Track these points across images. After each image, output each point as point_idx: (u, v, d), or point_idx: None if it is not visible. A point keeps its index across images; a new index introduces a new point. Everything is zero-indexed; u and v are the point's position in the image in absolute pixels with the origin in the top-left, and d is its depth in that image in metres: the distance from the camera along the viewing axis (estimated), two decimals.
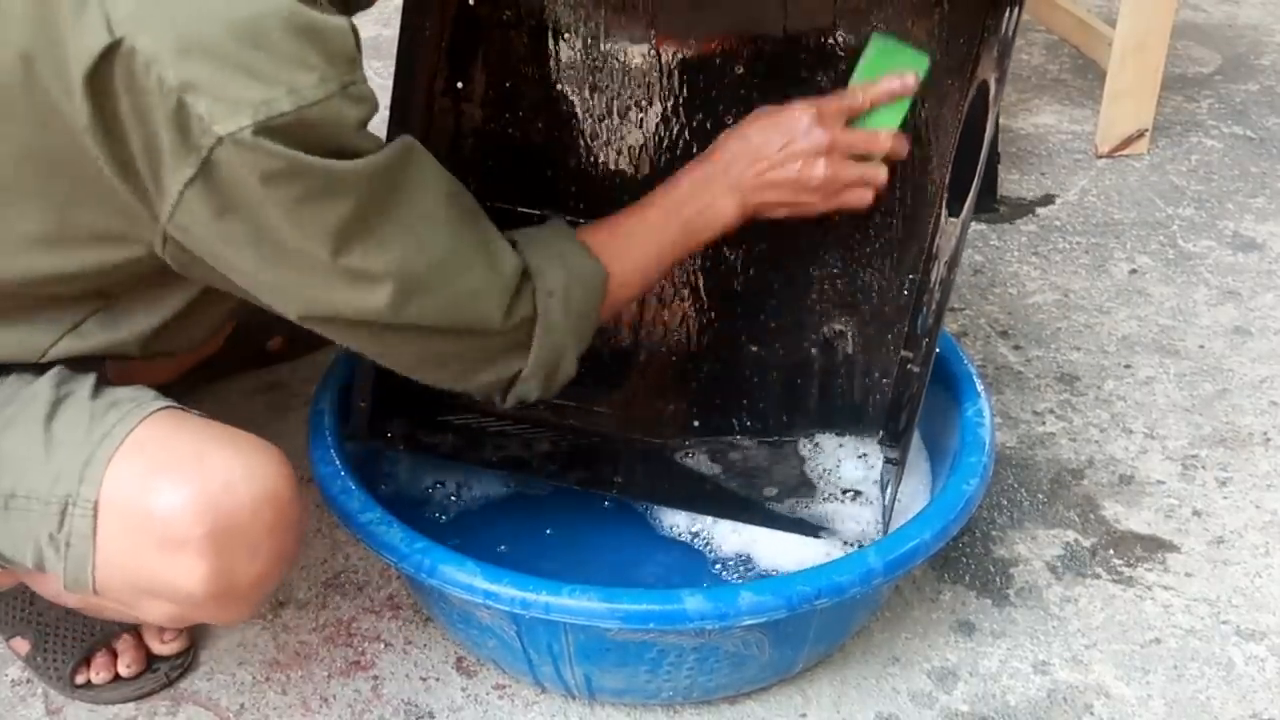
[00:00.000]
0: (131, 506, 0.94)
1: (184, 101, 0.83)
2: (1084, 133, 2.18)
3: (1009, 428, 1.51)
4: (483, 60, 1.25)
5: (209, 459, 0.96)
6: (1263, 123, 2.22)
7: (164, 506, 0.93)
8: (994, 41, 1.16)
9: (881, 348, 1.29)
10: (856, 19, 1.21)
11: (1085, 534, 1.37)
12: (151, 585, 0.96)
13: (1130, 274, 1.82)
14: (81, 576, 0.96)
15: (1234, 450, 1.49)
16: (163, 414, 0.99)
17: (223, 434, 0.99)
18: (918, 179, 1.24)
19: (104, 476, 0.94)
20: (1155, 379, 1.61)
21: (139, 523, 0.94)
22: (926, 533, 1.10)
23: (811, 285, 1.30)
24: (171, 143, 0.85)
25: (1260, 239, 1.90)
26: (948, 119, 1.21)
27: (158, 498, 0.93)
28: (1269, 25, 2.63)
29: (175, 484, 0.94)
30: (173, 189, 0.87)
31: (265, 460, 0.98)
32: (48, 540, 0.96)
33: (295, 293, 0.95)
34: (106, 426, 0.97)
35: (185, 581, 0.94)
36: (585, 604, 1.02)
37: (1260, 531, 1.37)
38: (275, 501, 0.96)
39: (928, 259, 1.24)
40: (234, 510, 0.94)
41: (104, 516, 0.94)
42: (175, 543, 0.93)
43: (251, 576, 0.97)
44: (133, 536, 0.94)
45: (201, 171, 0.85)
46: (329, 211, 0.89)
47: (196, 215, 0.89)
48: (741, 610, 1.02)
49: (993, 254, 1.86)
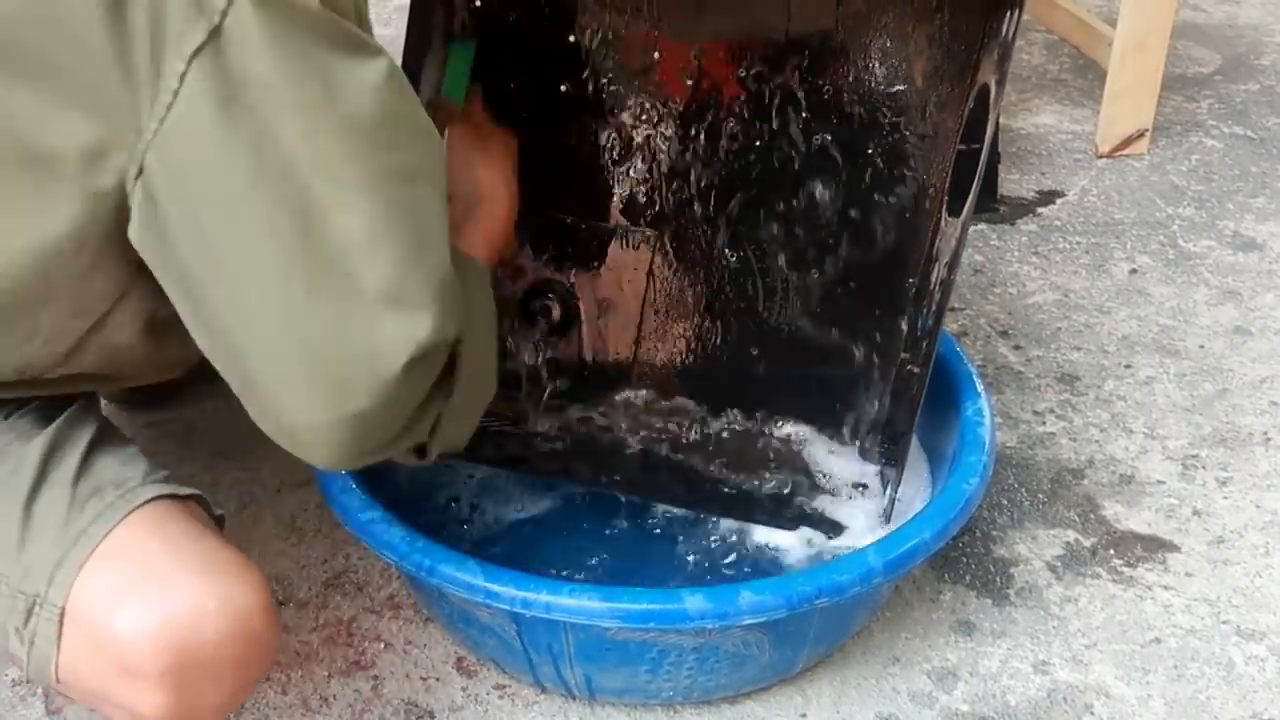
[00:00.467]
0: (95, 624, 0.90)
1: None
2: (1084, 132, 2.19)
3: (1009, 427, 1.51)
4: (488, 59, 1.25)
5: (178, 586, 0.90)
6: (1263, 123, 2.22)
7: (126, 633, 0.88)
8: (994, 45, 1.16)
9: (882, 348, 1.29)
10: (859, 23, 1.21)
11: (1085, 534, 1.37)
12: (112, 702, 0.93)
13: (1130, 274, 1.82)
14: (44, 674, 0.93)
15: (1234, 450, 1.49)
16: (146, 510, 0.93)
17: (201, 550, 0.93)
18: (918, 182, 1.24)
19: (73, 583, 0.90)
20: (1155, 379, 1.61)
21: (101, 644, 0.90)
22: (926, 532, 1.10)
23: (812, 286, 1.30)
24: (182, 8, 0.77)
25: (1260, 239, 1.90)
26: (948, 123, 1.21)
27: (121, 624, 0.88)
28: (1269, 25, 2.63)
29: (140, 609, 0.88)
30: (174, 69, 0.78)
31: (239, 588, 0.91)
32: (14, 630, 0.92)
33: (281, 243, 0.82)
34: (84, 523, 0.92)
35: (143, 708, 0.90)
36: (585, 603, 1.02)
37: (1260, 531, 1.37)
38: (245, 636, 0.91)
39: (928, 261, 1.24)
40: (199, 646, 0.89)
41: (69, 626, 0.90)
42: (134, 673, 0.89)
43: (214, 705, 0.93)
44: (95, 655, 0.90)
45: (211, 40, 0.77)
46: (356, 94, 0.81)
47: (195, 109, 0.79)
48: (742, 609, 1.02)
49: (993, 254, 1.86)
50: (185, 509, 0.97)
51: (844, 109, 1.24)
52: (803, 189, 1.27)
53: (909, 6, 1.20)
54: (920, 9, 1.19)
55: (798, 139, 1.25)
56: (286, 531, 1.37)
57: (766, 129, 1.26)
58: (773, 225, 1.28)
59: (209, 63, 0.78)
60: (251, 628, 0.91)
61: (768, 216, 1.28)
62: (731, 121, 1.26)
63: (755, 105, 1.25)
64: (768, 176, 1.27)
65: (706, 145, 1.27)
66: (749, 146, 1.26)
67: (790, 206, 1.27)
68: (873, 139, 1.24)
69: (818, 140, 1.25)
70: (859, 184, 1.26)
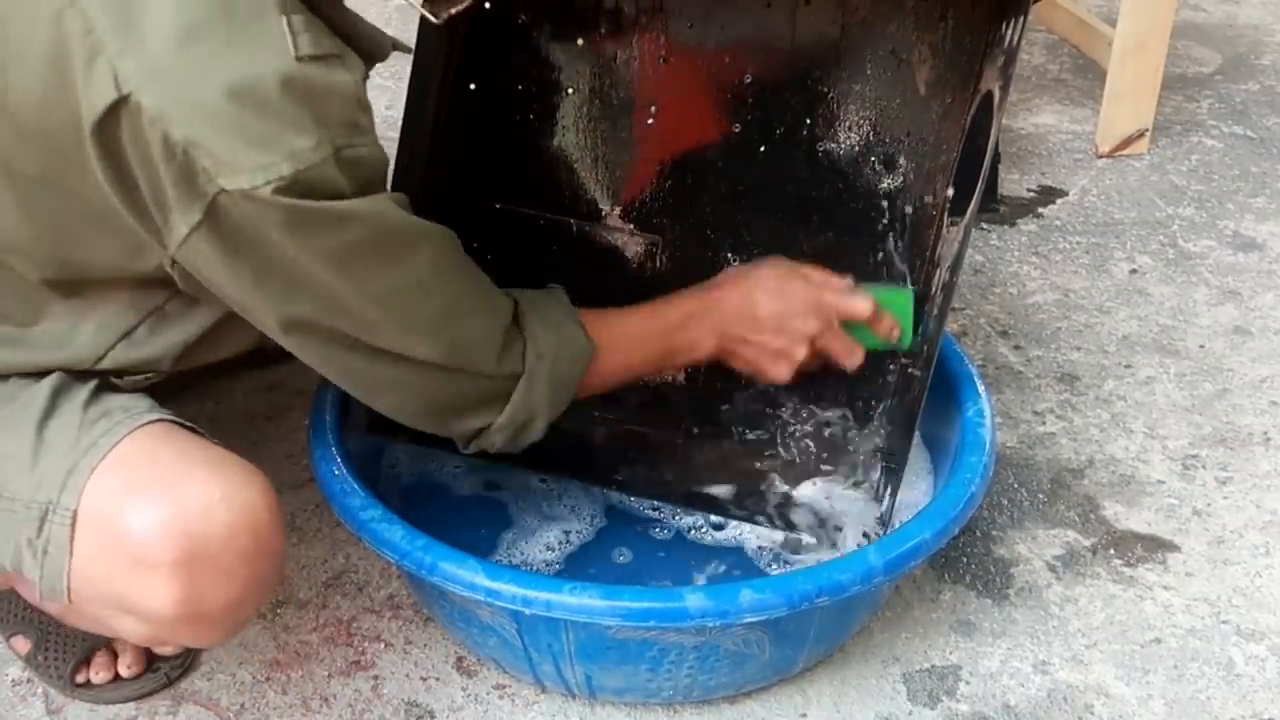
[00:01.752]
0: (107, 522, 0.94)
1: (190, 155, 0.85)
2: (1084, 132, 2.19)
3: (1009, 427, 1.51)
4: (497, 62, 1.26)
5: (188, 481, 0.95)
6: (1263, 122, 2.22)
7: (138, 527, 0.92)
8: (998, 53, 1.16)
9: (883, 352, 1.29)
10: (863, 31, 1.21)
11: (1085, 534, 1.37)
12: (123, 602, 0.96)
13: (1130, 274, 1.82)
14: (57, 585, 0.96)
15: (1234, 450, 1.49)
16: (153, 427, 0.99)
17: (208, 454, 0.99)
18: (921, 188, 1.24)
19: (85, 487, 0.94)
20: (1155, 379, 1.61)
21: (113, 539, 0.93)
22: (927, 532, 1.10)
23: None
24: (177, 191, 0.87)
25: (1260, 239, 1.90)
26: (951, 129, 1.21)
27: (133, 517, 0.93)
28: (1269, 25, 2.64)
29: (151, 505, 0.93)
30: (180, 230, 0.89)
31: (246, 485, 0.97)
32: (26, 544, 0.96)
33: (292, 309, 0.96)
34: (94, 436, 0.97)
35: (154, 603, 0.94)
36: (586, 601, 1.02)
37: (1260, 531, 1.37)
38: (253, 529, 0.95)
39: (930, 265, 1.24)
40: (208, 536, 0.93)
41: (81, 528, 0.94)
42: (146, 564, 0.93)
43: (224, 602, 0.96)
44: (107, 552, 0.94)
45: (208, 217, 0.88)
46: (333, 238, 0.91)
47: (203, 254, 0.91)
48: (742, 608, 1.02)
49: (993, 254, 1.86)
50: (190, 431, 1.02)
51: (847, 116, 1.24)
52: (805, 194, 1.27)
53: (913, 16, 1.20)
54: (925, 18, 1.19)
55: (800, 145, 1.25)
56: (286, 531, 1.36)
57: (769, 135, 1.26)
58: (774, 231, 1.28)
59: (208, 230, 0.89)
60: (258, 520, 0.96)
61: (769, 221, 1.28)
62: (734, 127, 1.26)
63: (758, 111, 1.25)
64: (770, 182, 1.27)
65: (708, 150, 1.27)
66: (752, 152, 1.26)
67: (792, 212, 1.27)
68: (875, 145, 1.24)
69: (821, 147, 1.25)
70: (861, 189, 1.26)
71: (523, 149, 1.27)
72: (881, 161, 1.24)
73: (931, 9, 1.19)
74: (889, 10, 1.20)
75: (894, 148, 1.24)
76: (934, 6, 1.19)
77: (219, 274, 0.93)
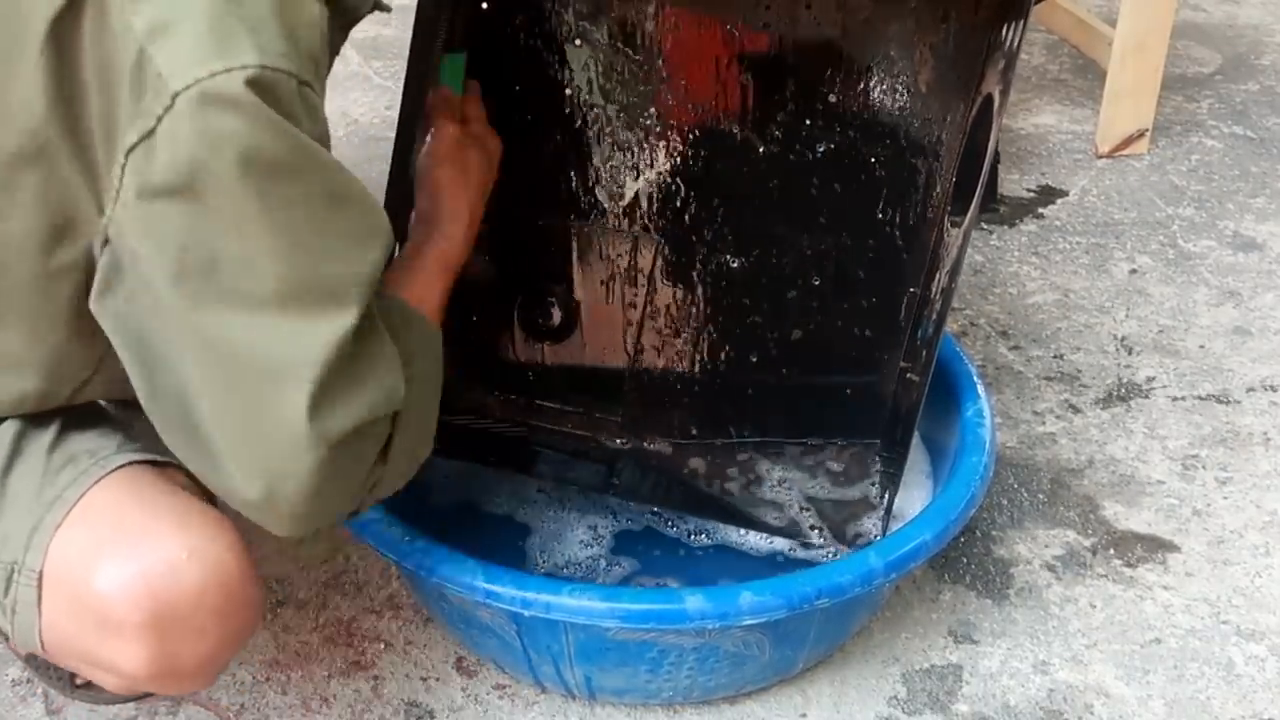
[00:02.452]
0: (74, 582, 0.90)
1: (145, 54, 0.78)
2: (1084, 132, 2.18)
3: (1009, 427, 1.51)
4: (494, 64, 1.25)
5: (153, 538, 0.90)
6: (1263, 123, 2.22)
7: (103, 587, 0.89)
8: (999, 56, 1.16)
9: (881, 356, 1.29)
10: (864, 33, 1.21)
11: (1085, 534, 1.37)
12: (95, 660, 0.93)
13: (1130, 274, 1.82)
14: (29, 641, 0.94)
15: (1234, 450, 1.49)
16: (120, 474, 0.94)
17: (175, 505, 0.93)
18: (921, 191, 1.24)
19: (50, 545, 0.90)
20: (1155, 379, 1.61)
21: (80, 600, 0.90)
22: (927, 533, 1.10)
23: (812, 293, 1.29)
24: (128, 100, 0.79)
25: (1260, 239, 1.90)
26: (952, 132, 1.21)
27: (98, 578, 0.89)
28: (1269, 25, 2.63)
29: (115, 565, 0.89)
30: (119, 155, 0.81)
31: (215, 538, 0.91)
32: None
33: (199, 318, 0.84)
34: (59, 489, 0.92)
35: (125, 663, 0.91)
36: (585, 603, 1.02)
37: (1260, 531, 1.37)
38: (224, 584, 0.91)
39: (930, 269, 1.24)
40: (177, 596, 0.89)
41: (48, 587, 0.91)
42: (114, 626, 0.89)
43: (198, 658, 0.92)
44: (75, 612, 0.91)
45: (156, 133, 0.79)
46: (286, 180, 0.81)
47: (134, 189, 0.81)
48: (742, 610, 1.02)
49: (993, 254, 1.86)
50: (162, 473, 0.96)
51: (848, 118, 1.24)
52: (805, 197, 1.27)
53: (914, 18, 1.20)
54: (926, 21, 1.19)
55: (800, 147, 1.25)
56: None
57: (769, 136, 1.26)
58: (773, 233, 1.28)
59: (145, 150, 0.79)
60: (228, 574, 0.91)
61: (769, 224, 1.28)
62: (734, 128, 1.26)
63: (758, 112, 1.25)
64: (770, 184, 1.27)
65: (708, 151, 1.27)
66: (751, 153, 1.26)
67: (792, 214, 1.27)
68: (876, 148, 1.24)
69: (821, 148, 1.25)
70: (862, 192, 1.26)
71: (520, 151, 1.27)
72: (882, 163, 1.24)
73: (933, 11, 1.19)
74: (890, 12, 1.20)
75: (894, 150, 1.24)
76: (935, 8, 1.19)
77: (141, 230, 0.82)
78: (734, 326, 1.31)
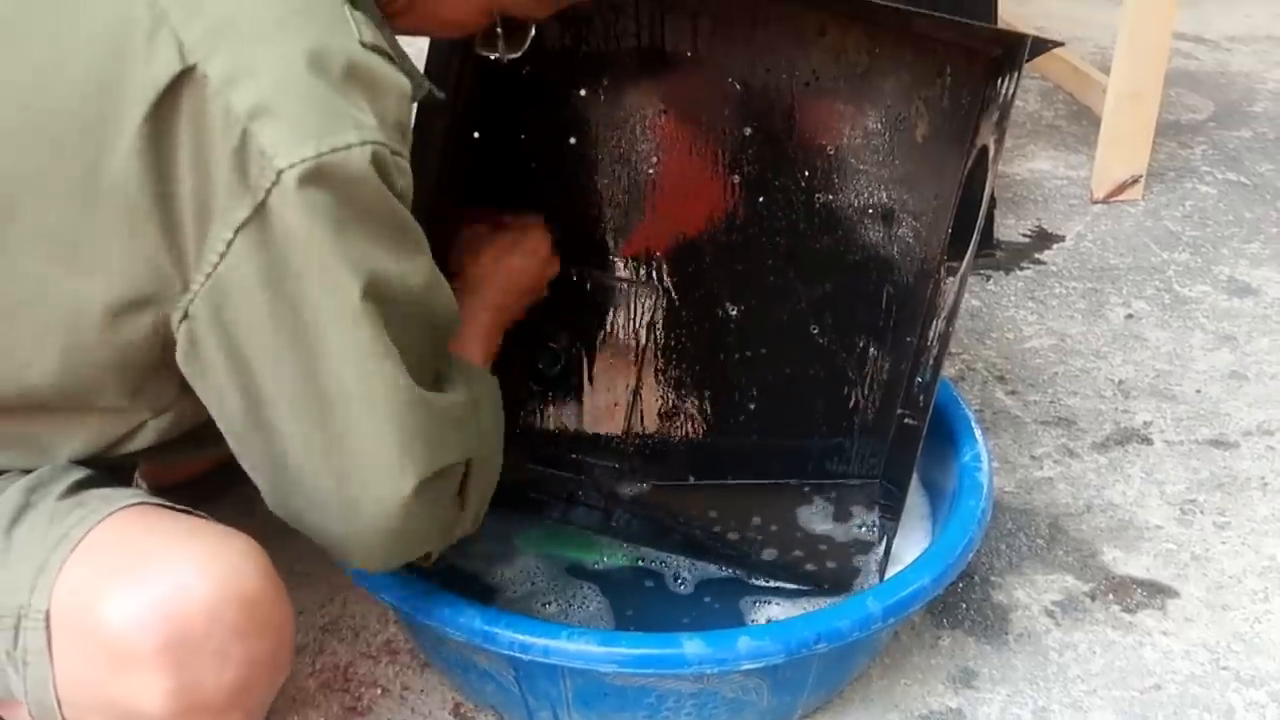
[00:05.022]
0: (82, 619, 0.84)
1: (248, 133, 0.80)
2: (1079, 178, 2.20)
3: (1007, 472, 1.51)
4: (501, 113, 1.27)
5: (160, 558, 0.85)
6: (1256, 169, 2.24)
7: (111, 619, 0.82)
8: (994, 108, 1.18)
9: (880, 403, 1.29)
10: (861, 86, 1.22)
11: (1084, 579, 1.37)
12: (117, 707, 0.85)
13: (1126, 319, 1.83)
14: (45, 698, 0.86)
15: (1232, 495, 1.49)
16: (129, 511, 0.89)
17: (185, 527, 0.89)
18: (917, 239, 1.25)
19: (55, 585, 0.84)
20: (1152, 423, 1.61)
21: (90, 637, 0.83)
22: (925, 577, 1.09)
23: (812, 342, 1.30)
24: (229, 181, 0.81)
25: (1255, 284, 1.91)
26: (948, 182, 1.23)
27: (104, 609, 0.82)
28: (1261, 73, 2.66)
29: (121, 592, 0.83)
30: (221, 236, 0.82)
31: (227, 551, 0.86)
32: (6, 658, 0.86)
33: None
34: (65, 528, 0.87)
35: (146, 701, 0.83)
36: (583, 648, 1.02)
37: (1259, 577, 1.37)
38: (240, 599, 0.84)
39: (927, 315, 1.25)
40: (189, 615, 0.82)
41: (57, 630, 0.84)
42: (128, 659, 0.82)
43: (224, 688, 0.84)
44: (87, 653, 0.84)
45: (255, 215, 0.81)
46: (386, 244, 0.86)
47: (240, 272, 0.83)
48: (740, 655, 1.02)
49: (989, 299, 1.87)
50: (174, 510, 0.92)
51: (845, 169, 1.25)
52: (803, 245, 1.28)
53: (911, 71, 1.21)
54: (922, 74, 1.21)
55: (799, 197, 1.26)
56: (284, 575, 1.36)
57: (768, 186, 1.27)
58: (772, 282, 1.29)
59: (254, 231, 0.82)
60: (245, 589, 0.85)
61: (768, 274, 1.29)
62: (734, 178, 1.27)
63: (758, 164, 1.26)
64: (768, 232, 1.28)
65: (707, 201, 1.28)
66: (751, 203, 1.27)
67: (790, 263, 1.28)
68: (873, 197, 1.25)
69: (819, 198, 1.26)
70: (859, 240, 1.27)
71: (524, 197, 1.28)
72: (879, 213, 1.26)
73: (929, 65, 1.21)
74: (887, 66, 1.21)
75: (891, 200, 1.25)
76: (931, 63, 1.21)
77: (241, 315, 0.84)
78: (732, 374, 1.32)
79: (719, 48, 1.23)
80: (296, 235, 0.82)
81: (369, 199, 0.84)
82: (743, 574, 1.27)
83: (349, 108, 0.82)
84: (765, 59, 1.23)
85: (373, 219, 0.84)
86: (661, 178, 1.28)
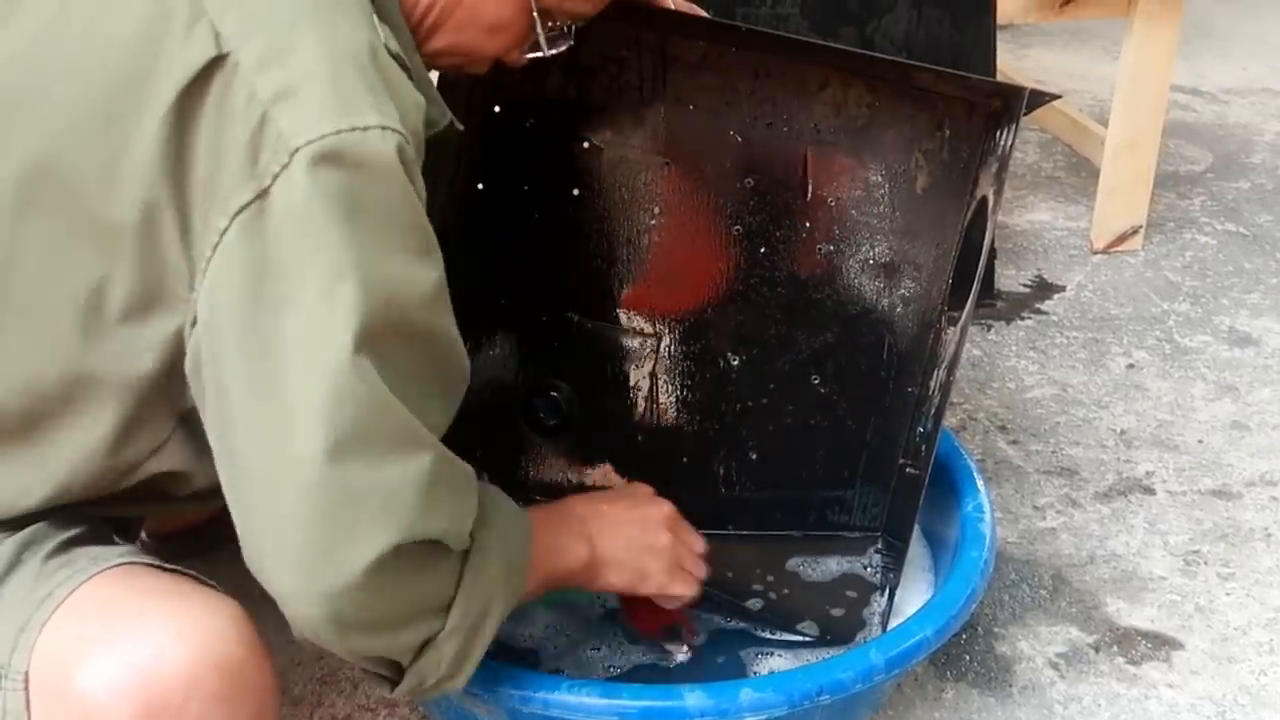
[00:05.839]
0: (59, 680, 0.81)
1: (267, 117, 0.78)
2: (1079, 229, 2.21)
3: (1009, 522, 1.51)
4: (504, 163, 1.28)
5: (139, 623, 0.82)
6: (1255, 219, 2.25)
7: (87, 686, 0.80)
8: (993, 160, 1.18)
9: (881, 453, 1.29)
10: (862, 139, 1.23)
11: (1088, 630, 1.36)
12: None
13: (1128, 369, 1.83)
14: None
15: (1235, 546, 1.48)
16: (116, 570, 0.86)
17: (170, 589, 0.86)
18: (918, 290, 1.26)
19: (36, 645, 0.82)
20: (1155, 473, 1.60)
21: (67, 700, 0.81)
22: (928, 629, 1.09)
23: (813, 392, 1.30)
24: (238, 166, 0.79)
25: (1256, 334, 1.91)
26: (948, 234, 1.23)
27: (81, 675, 0.80)
28: (1258, 124, 2.68)
29: (98, 658, 0.80)
30: (217, 225, 0.79)
31: (208, 616, 0.83)
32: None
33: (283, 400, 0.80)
34: (50, 587, 0.85)
35: None
36: (584, 700, 1.01)
37: (1264, 628, 1.36)
38: (220, 666, 0.81)
39: (927, 366, 1.25)
40: (167, 684, 0.80)
41: (35, 691, 0.82)
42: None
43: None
44: (64, 716, 0.81)
45: (258, 199, 0.78)
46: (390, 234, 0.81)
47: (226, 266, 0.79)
48: (742, 706, 1.01)
49: (990, 349, 1.87)
50: (162, 570, 0.89)
51: (846, 220, 1.26)
52: (805, 296, 1.28)
53: (910, 124, 1.22)
54: (922, 127, 1.22)
55: (800, 248, 1.27)
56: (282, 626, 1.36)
57: (770, 237, 1.27)
58: (774, 333, 1.29)
59: (253, 215, 0.78)
60: (225, 655, 0.82)
61: (769, 324, 1.29)
62: (735, 229, 1.28)
63: (759, 215, 1.27)
64: (770, 283, 1.28)
65: (710, 251, 1.28)
66: (753, 254, 1.28)
67: (791, 313, 1.29)
68: (873, 248, 1.26)
69: (820, 249, 1.27)
70: (860, 291, 1.27)
71: (527, 247, 1.28)
72: (880, 264, 1.26)
73: (929, 118, 1.22)
74: (888, 119, 1.22)
75: (892, 251, 1.26)
76: (931, 115, 1.22)
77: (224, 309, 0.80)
78: (733, 423, 1.32)
79: (721, 101, 1.24)
80: (293, 221, 0.78)
81: (387, 189, 0.80)
82: (745, 625, 1.26)
83: (375, 97, 0.80)
84: (767, 112, 1.24)
85: (388, 214, 0.80)
86: (663, 229, 1.28)
